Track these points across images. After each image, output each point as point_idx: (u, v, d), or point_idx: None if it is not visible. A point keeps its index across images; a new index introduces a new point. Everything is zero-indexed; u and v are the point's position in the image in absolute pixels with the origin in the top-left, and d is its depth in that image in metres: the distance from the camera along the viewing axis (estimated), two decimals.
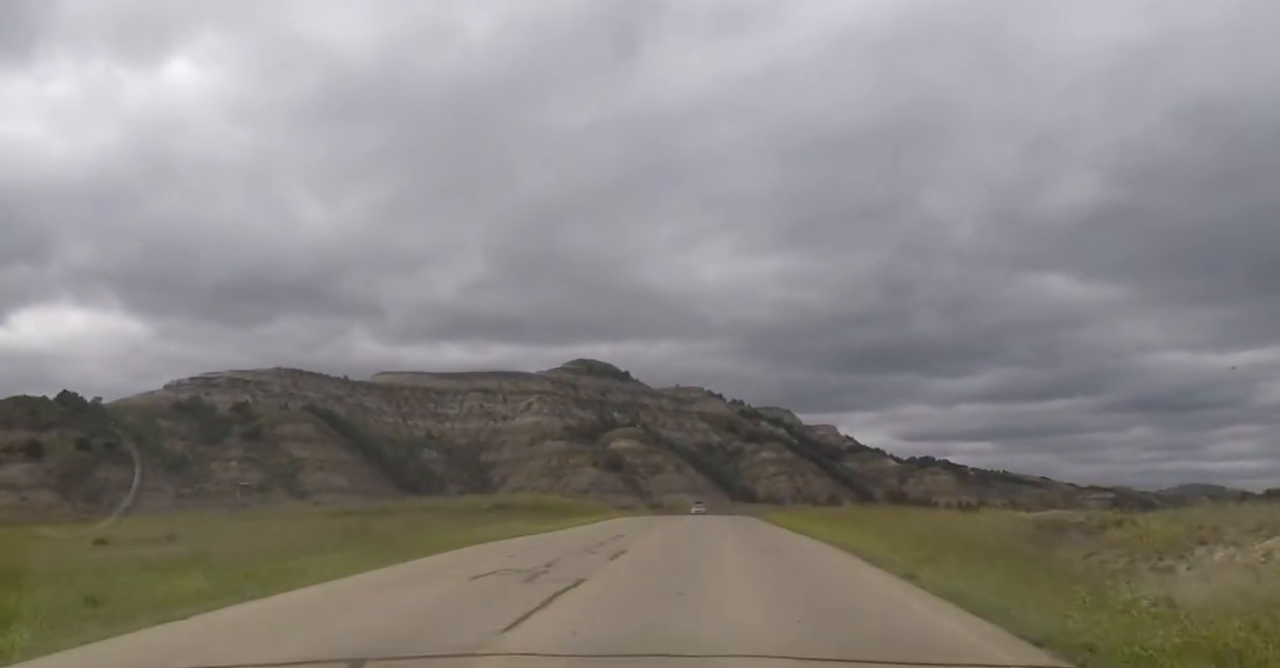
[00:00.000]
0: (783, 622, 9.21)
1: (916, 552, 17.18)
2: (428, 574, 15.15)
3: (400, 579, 14.39)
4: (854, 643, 7.74)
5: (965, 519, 31.01)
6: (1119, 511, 27.88)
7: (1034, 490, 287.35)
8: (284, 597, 11.78)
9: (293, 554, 18.10)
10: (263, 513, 67.82)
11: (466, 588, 12.73)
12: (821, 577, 15.54)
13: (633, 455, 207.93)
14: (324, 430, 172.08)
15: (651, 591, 12.77)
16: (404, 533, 27.35)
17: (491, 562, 17.00)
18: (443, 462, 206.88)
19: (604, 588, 12.81)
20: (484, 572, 14.90)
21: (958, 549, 16.19)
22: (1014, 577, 11.61)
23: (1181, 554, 13.74)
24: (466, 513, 49.47)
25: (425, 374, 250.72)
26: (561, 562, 17.04)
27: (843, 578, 15.24)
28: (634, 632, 8.40)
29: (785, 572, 16.68)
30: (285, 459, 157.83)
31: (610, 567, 16.78)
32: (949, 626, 8.74)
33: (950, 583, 11.90)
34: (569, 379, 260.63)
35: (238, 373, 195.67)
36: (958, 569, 13.20)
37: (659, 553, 21.05)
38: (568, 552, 20.08)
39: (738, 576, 15.43)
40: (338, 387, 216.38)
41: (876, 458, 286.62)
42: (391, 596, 12.07)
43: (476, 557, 19.06)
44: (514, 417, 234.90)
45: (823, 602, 11.35)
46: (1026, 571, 12.38)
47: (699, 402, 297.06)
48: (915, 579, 13.29)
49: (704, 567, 17.14)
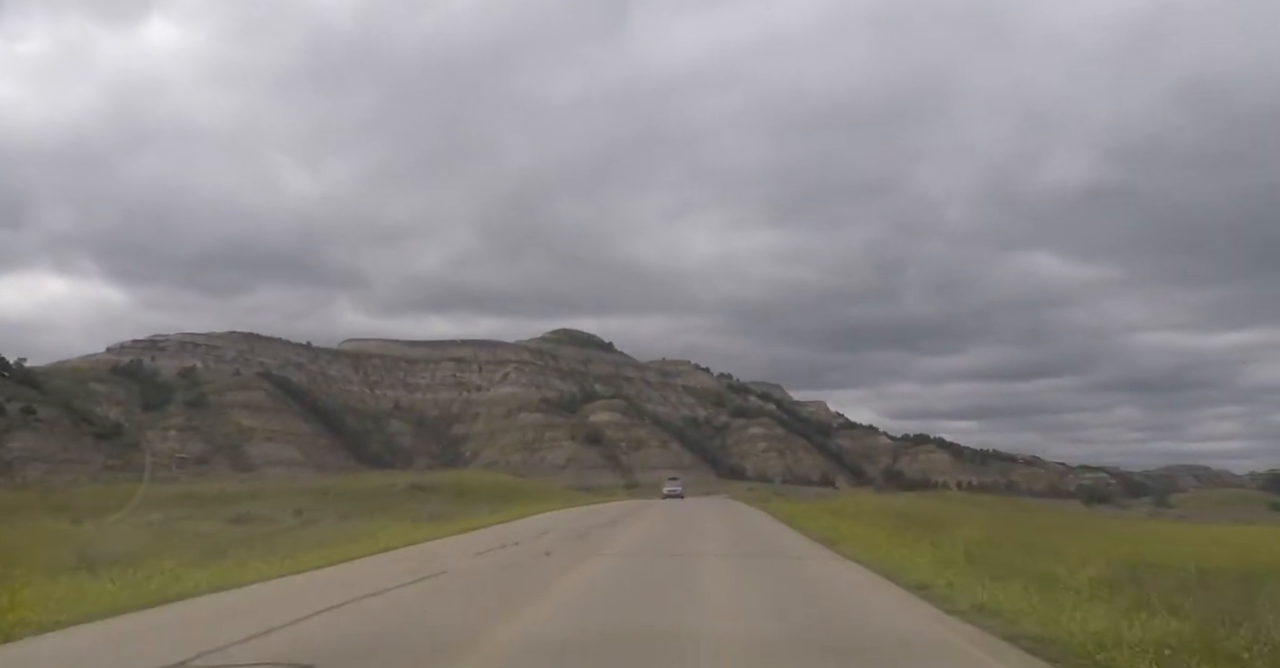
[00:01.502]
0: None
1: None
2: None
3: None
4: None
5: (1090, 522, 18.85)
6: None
7: (1027, 469, 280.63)
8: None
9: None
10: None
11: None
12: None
13: (614, 429, 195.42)
14: (278, 399, 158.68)
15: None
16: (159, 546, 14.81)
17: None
18: (411, 434, 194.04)
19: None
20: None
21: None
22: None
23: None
24: (366, 497, 36.91)
25: (396, 342, 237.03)
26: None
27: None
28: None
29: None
30: (232, 429, 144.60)
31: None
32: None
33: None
34: (549, 349, 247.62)
35: (188, 336, 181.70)
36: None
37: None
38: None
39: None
40: (299, 353, 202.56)
41: (869, 435, 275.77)
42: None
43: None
44: (489, 387, 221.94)
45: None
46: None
47: (685, 375, 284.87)
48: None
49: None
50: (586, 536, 17.77)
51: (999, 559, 12.44)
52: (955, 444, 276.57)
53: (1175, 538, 23.33)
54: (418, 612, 8.48)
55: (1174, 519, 54.62)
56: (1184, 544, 19.67)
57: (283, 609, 8.04)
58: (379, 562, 13.34)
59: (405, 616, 8.18)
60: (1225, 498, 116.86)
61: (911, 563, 11.87)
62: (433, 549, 15.41)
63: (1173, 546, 19.05)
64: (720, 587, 10.40)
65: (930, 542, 14.38)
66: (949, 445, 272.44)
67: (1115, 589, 9.30)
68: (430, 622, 7.84)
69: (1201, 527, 36.71)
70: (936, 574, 10.57)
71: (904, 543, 14.25)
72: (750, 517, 27.43)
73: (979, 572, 10.41)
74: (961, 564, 11.47)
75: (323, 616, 7.86)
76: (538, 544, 15.52)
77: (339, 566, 12.84)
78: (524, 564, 12.78)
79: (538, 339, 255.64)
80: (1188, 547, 18.61)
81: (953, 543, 13.98)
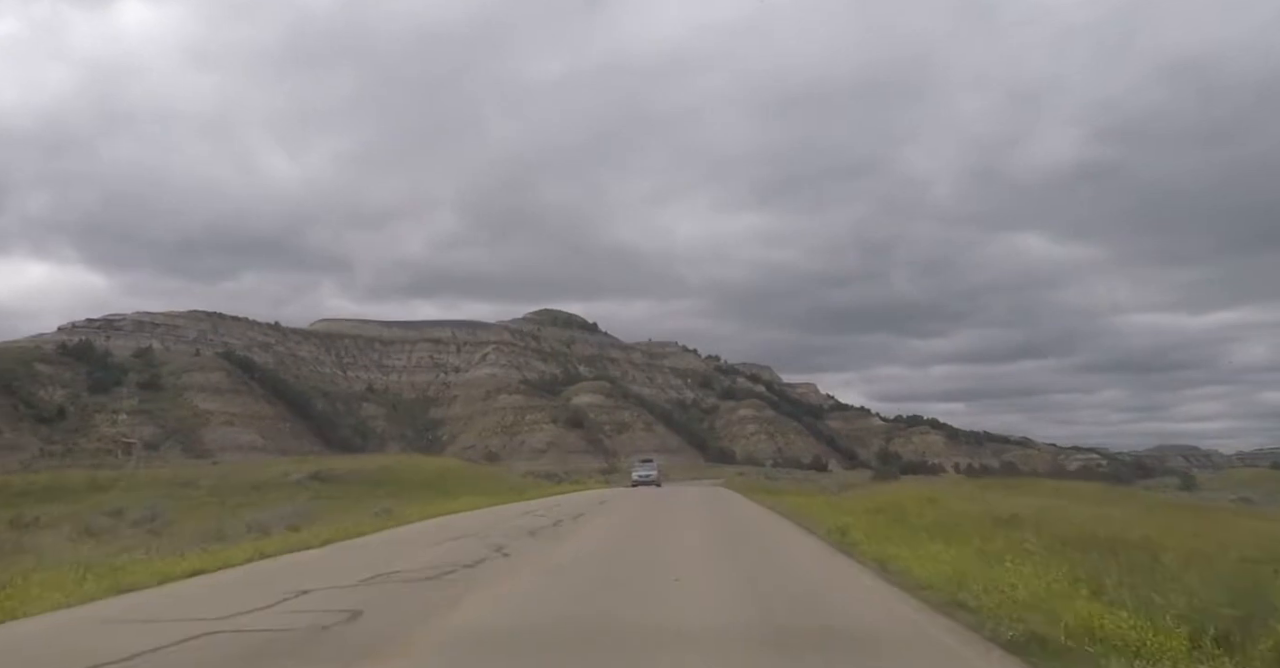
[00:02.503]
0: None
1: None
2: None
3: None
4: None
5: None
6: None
7: (1020, 450, 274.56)
8: None
9: None
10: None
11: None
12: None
13: (597, 412, 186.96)
14: (239, 381, 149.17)
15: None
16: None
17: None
18: (385, 417, 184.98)
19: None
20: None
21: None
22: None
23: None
24: (244, 491, 28.41)
25: (370, 322, 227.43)
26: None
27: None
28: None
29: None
30: (187, 412, 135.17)
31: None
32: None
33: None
34: (531, 330, 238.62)
35: (146, 315, 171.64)
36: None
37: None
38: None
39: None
40: (267, 333, 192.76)
41: (862, 417, 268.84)
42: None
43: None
44: (468, 369, 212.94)
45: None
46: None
47: (673, 357, 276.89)
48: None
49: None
50: (444, 579, 9.07)
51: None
52: (949, 425, 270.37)
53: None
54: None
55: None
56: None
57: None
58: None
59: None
60: (1247, 479, 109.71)
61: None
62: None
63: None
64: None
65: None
66: (942, 427, 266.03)
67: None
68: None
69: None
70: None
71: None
72: (764, 525, 17.54)
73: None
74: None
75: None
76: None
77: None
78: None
79: (519, 320, 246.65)
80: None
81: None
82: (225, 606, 7.21)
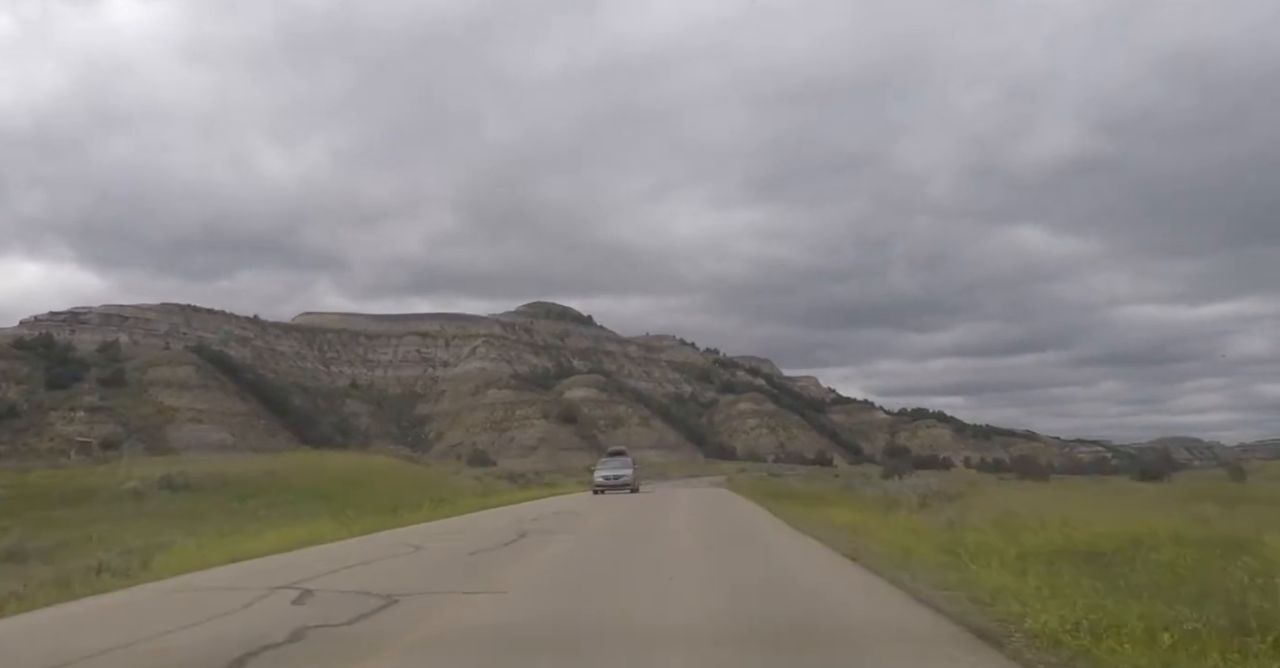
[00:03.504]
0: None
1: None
2: None
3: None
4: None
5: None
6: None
7: (1027, 444, 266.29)
8: None
9: None
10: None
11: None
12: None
13: (591, 406, 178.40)
14: (209, 376, 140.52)
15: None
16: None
17: None
18: (368, 414, 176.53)
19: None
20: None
21: None
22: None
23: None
24: (57, 503, 20.08)
25: (355, 315, 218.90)
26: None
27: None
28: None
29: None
30: (151, 409, 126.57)
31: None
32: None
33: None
34: (522, 323, 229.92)
35: (114, 308, 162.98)
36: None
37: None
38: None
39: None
40: (245, 327, 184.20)
41: (865, 410, 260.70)
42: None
43: None
44: (456, 363, 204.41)
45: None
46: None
47: (670, 350, 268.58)
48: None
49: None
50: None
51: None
52: (955, 419, 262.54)
53: None
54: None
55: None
56: None
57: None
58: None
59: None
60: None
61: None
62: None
63: None
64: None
65: None
66: (949, 420, 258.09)
67: None
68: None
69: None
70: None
71: None
72: (857, 609, 7.36)
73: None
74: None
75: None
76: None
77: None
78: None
79: (511, 313, 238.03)
80: None
81: None
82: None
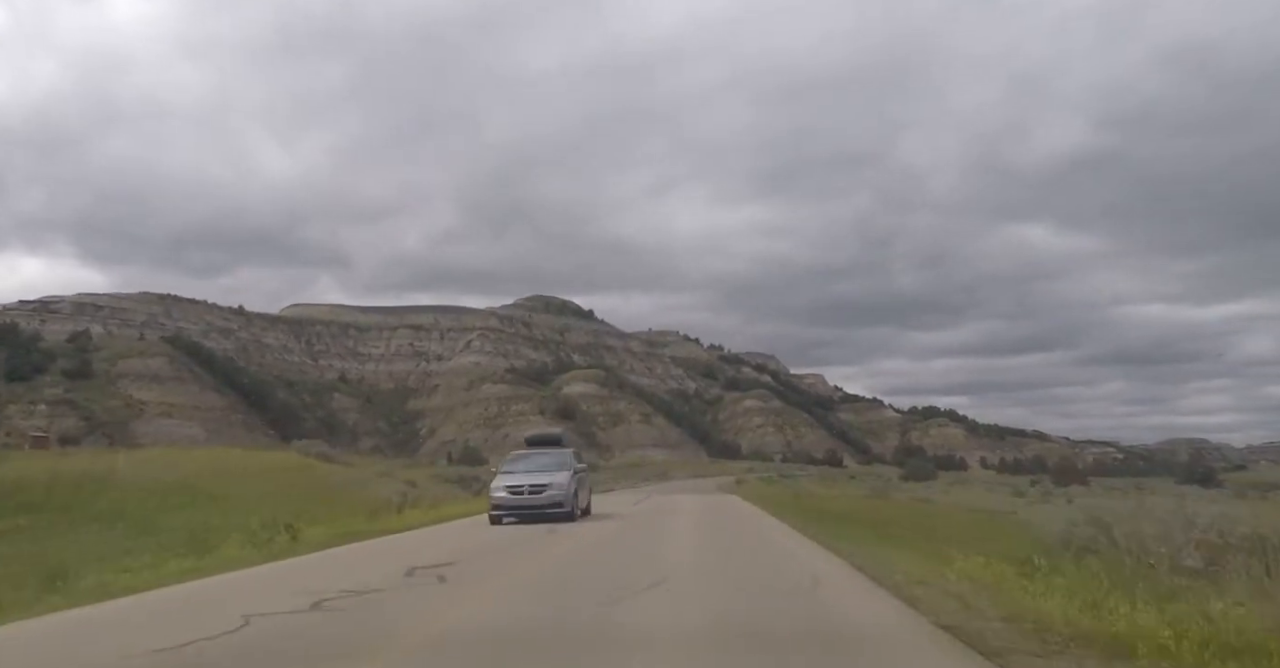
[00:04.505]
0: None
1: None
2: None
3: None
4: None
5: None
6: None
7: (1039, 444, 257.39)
8: None
9: None
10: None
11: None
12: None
13: (590, 402, 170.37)
14: (184, 368, 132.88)
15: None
16: None
17: None
18: (357, 409, 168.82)
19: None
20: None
21: None
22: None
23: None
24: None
25: (346, 307, 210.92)
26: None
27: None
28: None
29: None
30: (118, 402, 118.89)
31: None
32: None
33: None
34: (521, 316, 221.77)
35: (87, 297, 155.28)
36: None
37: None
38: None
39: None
40: (228, 318, 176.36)
41: (874, 408, 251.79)
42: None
43: None
44: (451, 357, 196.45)
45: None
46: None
47: (674, 346, 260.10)
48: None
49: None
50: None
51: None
52: (967, 418, 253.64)
53: None
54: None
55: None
56: None
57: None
58: None
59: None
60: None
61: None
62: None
63: None
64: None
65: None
66: (961, 419, 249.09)
67: None
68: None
69: None
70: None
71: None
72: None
73: None
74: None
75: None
76: None
77: None
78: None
79: (509, 306, 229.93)
80: None
81: None
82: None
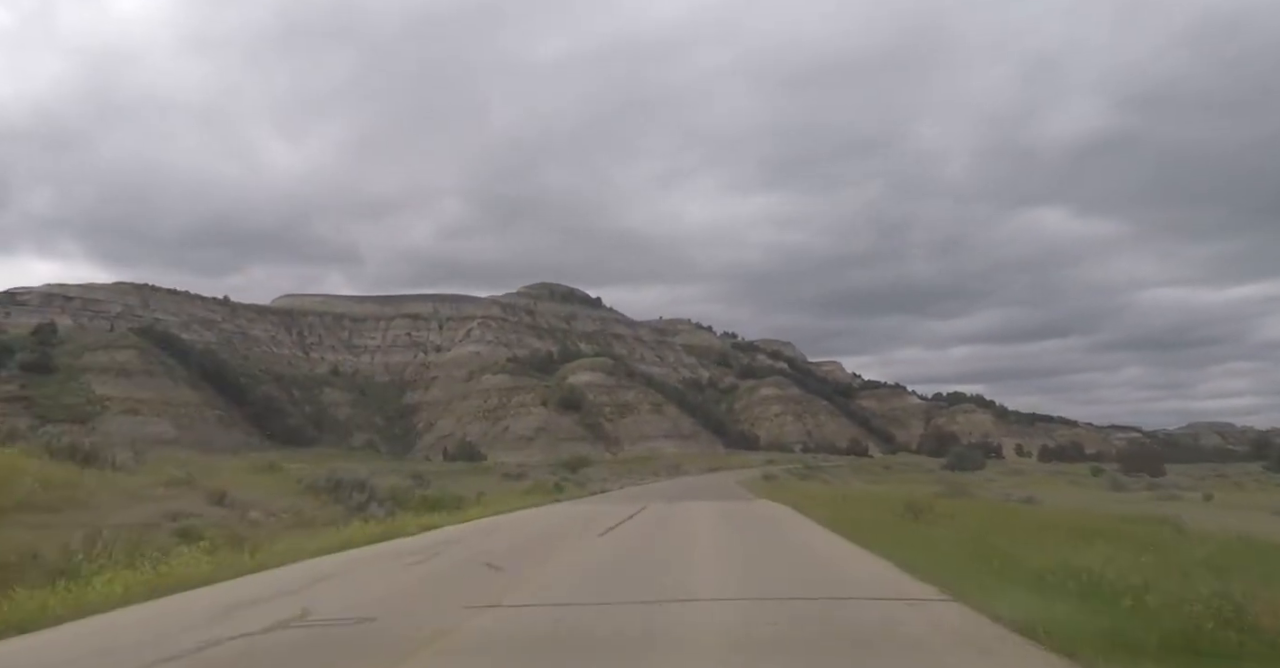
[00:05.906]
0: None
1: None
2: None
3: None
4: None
5: None
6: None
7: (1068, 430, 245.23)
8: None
9: None
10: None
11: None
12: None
13: (597, 392, 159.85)
14: (155, 361, 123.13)
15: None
16: None
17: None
18: (350, 403, 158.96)
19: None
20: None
21: None
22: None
23: None
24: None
25: (340, 297, 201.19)
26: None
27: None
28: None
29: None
30: (80, 399, 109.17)
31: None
32: None
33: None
34: (524, 304, 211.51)
35: (58, 287, 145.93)
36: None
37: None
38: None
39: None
40: (213, 310, 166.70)
41: (897, 395, 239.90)
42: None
43: None
44: (450, 347, 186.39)
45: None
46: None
47: (685, 333, 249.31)
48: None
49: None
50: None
51: None
52: (995, 403, 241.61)
53: None
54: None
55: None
56: None
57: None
58: None
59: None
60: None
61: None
62: None
63: None
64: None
65: None
66: (989, 404, 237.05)
67: None
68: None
69: None
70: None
71: None
72: None
73: None
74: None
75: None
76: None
77: None
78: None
79: (512, 294, 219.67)
80: None
81: None
82: None
